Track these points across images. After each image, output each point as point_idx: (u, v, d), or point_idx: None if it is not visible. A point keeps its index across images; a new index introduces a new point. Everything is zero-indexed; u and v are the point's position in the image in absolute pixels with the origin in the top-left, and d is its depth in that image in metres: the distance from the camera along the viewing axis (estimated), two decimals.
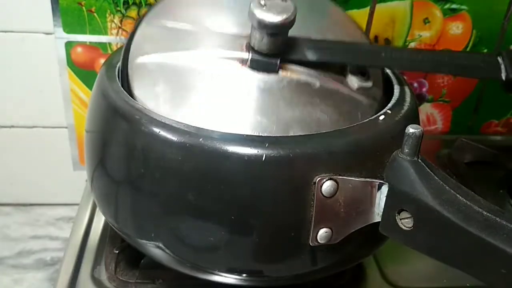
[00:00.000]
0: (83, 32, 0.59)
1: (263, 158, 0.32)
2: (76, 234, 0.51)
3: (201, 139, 0.32)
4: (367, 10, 0.62)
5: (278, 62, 0.36)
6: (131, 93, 0.37)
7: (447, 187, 0.30)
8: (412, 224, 0.31)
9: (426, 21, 0.65)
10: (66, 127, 0.64)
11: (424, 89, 0.70)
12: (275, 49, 0.36)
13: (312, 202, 0.33)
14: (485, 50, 0.68)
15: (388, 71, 0.44)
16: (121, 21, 0.59)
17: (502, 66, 0.39)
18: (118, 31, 0.59)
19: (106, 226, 0.52)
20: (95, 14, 0.58)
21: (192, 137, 0.32)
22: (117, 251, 0.46)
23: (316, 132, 0.34)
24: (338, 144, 0.33)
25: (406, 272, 0.49)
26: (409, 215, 0.31)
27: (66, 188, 0.68)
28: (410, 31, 0.65)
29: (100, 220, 0.53)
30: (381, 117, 0.36)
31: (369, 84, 0.39)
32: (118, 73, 0.40)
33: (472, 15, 0.65)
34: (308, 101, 0.36)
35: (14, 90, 0.62)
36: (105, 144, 0.37)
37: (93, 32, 0.59)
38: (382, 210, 0.33)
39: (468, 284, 0.48)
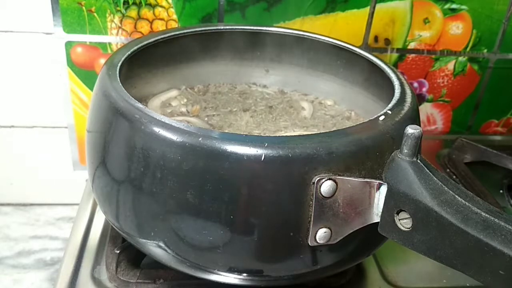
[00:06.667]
0: (83, 32, 0.59)
1: (262, 158, 0.32)
2: (76, 234, 0.51)
3: (200, 139, 0.32)
4: (367, 10, 0.62)
5: None
6: None
7: (446, 188, 0.30)
8: (410, 225, 0.31)
9: (426, 21, 0.65)
10: (66, 127, 0.64)
11: (424, 89, 0.70)
12: None
13: (311, 202, 0.33)
14: (485, 50, 0.68)
15: (389, 70, 0.44)
16: (121, 21, 0.59)
17: None
18: (118, 31, 0.59)
19: (106, 226, 0.52)
20: (95, 14, 0.58)
21: (192, 137, 0.32)
22: (118, 251, 0.46)
23: (315, 132, 0.34)
24: (337, 144, 0.33)
25: (406, 272, 0.49)
26: (407, 216, 0.31)
27: (66, 188, 0.68)
28: (410, 31, 0.65)
29: (100, 220, 0.53)
30: (381, 118, 0.36)
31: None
32: (119, 73, 0.40)
33: (472, 15, 0.65)
34: None
35: (14, 90, 0.62)
36: (106, 143, 0.37)
37: (93, 32, 0.59)
38: (381, 211, 0.33)
39: (468, 284, 0.48)
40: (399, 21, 0.64)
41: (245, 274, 0.37)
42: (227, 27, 0.52)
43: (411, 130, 0.30)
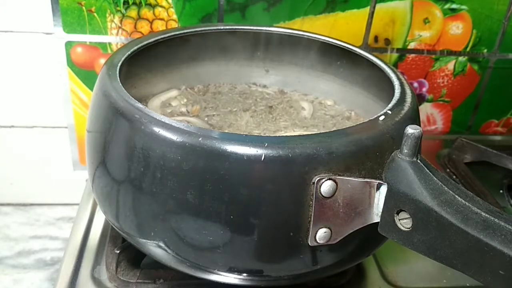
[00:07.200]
0: (83, 32, 0.59)
1: (262, 158, 0.32)
2: (76, 234, 0.51)
3: (200, 139, 0.32)
4: (367, 10, 0.62)
5: None
6: None
7: (446, 188, 0.30)
8: (410, 225, 0.31)
9: (426, 21, 0.65)
10: (66, 127, 0.64)
11: (424, 89, 0.70)
12: None
13: (311, 202, 0.33)
14: (485, 50, 0.68)
15: (389, 70, 0.44)
16: (121, 21, 0.59)
17: None
18: (118, 31, 0.59)
19: (106, 226, 0.52)
20: (95, 14, 0.58)
21: (192, 137, 0.32)
22: (118, 251, 0.46)
23: (315, 132, 0.34)
24: (337, 144, 0.33)
25: (406, 272, 0.49)
26: (407, 216, 0.31)
27: (66, 188, 0.68)
28: (410, 31, 0.65)
29: (100, 220, 0.53)
30: (381, 118, 0.36)
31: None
32: (119, 73, 0.40)
33: (472, 15, 0.65)
34: None
35: (14, 90, 0.62)
36: (106, 143, 0.37)
37: (93, 32, 0.59)
38: (381, 211, 0.33)
39: (468, 284, 0.48)
40: (399, 21, 0.64)
41: (245, 274, 0.37)
42: (227, 27, 0.52)
43: (411, 130, 0.30)
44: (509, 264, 0.27)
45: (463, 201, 0.29)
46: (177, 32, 0.49)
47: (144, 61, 0.48)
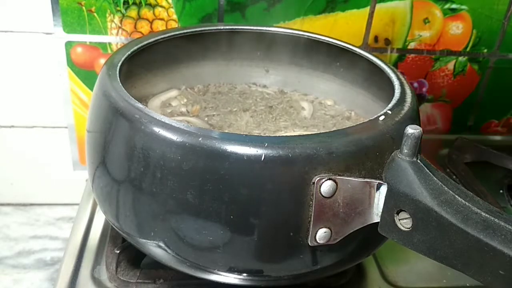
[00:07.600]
0: (83, 32, 0.59)
1: (262, 158, 0.32)
2: (76, 234, 0.51)
3: (200, 139, 0.32)
4: (367, 10, 0.62)
5: None
6: None
7: (446, 188, 0.30)
8: (410, 225, 0.31)
9: (426, 21, 0.65)
10: (66, 127, 0.64)
11: (424, 89, 0.70)
12: None
13: (311, 202, 0.33)
14: (485, 50, 0.68)
15: (389, 70, 0.44)
16: (121, 21, 0.59)
17: None
18: (118, 31, 0.59)
19: (106, 226, 0.52)
20: (95, 14, 0.58)
21: (192, 137, 0.32)
22: (118, 251, 0.46)
23: (315, 132, 0.34)
24: (337, 144, 0.33)
25: (406, 272, 0.49)
26: (407, 216, 0.31)
27: (66, 188, 0.68)
28: (410, 31, 0.65)
29: (100, 220, 0.53)
30: (381, 118, 0.36)
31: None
32: (119, 73, 0.40)
33: (472, 15, 0.65)
34: None
35: (14, 90, 0.62)
36: (106, 143, 0.37)
37: (93, 32, 0.59)
38: (381, 211, 0.33)
39: (468, 284, 0.48)
40: (399, 21, 0.64)
41: (245, 274, 0.37)
42: (227, 27, 0.52)
43: (411, 130, 0.30)
44: (509, 264, 0.27)
45: (463, 201, 0.29)
46: (177, 32, 0.49)
47: (144, 61, 0.48)
